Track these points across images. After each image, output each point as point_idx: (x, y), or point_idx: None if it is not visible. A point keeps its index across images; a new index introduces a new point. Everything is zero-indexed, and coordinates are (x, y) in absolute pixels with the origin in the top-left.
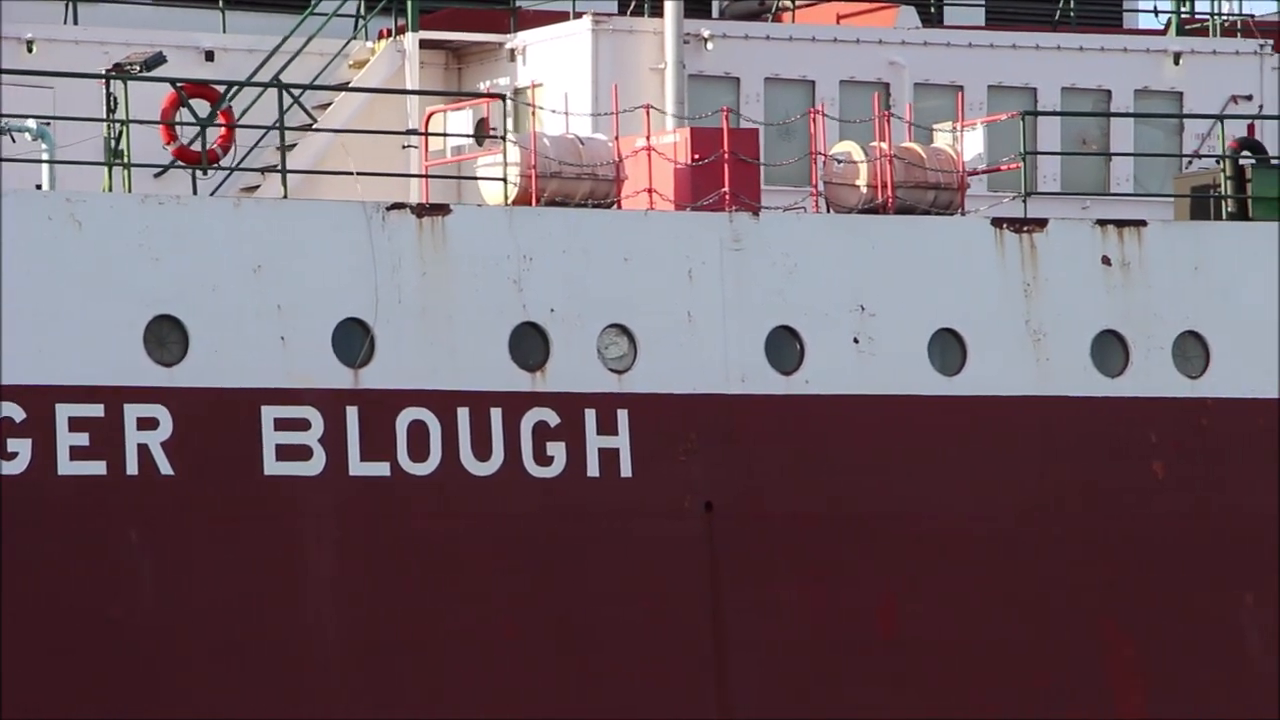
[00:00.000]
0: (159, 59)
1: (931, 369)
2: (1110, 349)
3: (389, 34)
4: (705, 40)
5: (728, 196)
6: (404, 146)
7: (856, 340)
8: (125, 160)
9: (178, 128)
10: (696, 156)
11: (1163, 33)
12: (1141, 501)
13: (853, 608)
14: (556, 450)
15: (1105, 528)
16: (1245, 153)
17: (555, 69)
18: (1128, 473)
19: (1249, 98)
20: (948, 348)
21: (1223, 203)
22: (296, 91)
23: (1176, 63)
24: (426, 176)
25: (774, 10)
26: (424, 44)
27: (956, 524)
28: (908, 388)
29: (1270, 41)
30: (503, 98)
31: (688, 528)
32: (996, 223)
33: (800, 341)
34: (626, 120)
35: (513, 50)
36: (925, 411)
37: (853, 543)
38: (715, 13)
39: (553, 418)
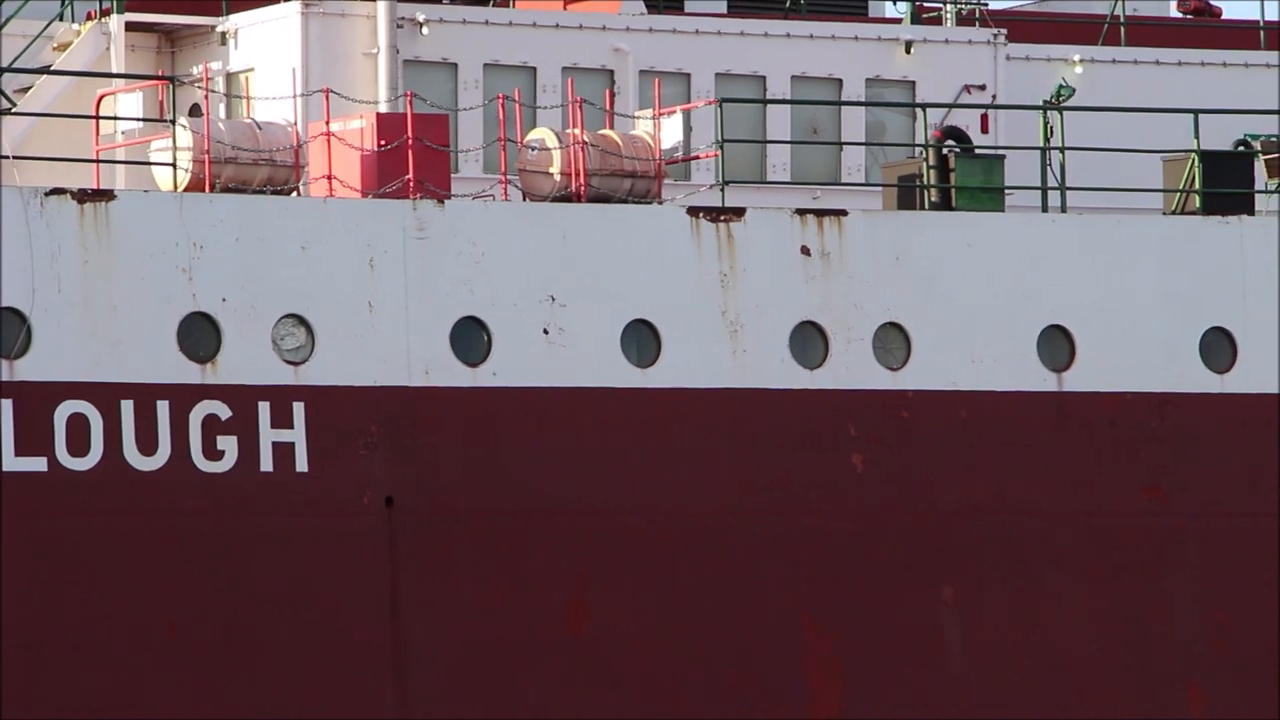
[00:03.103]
0: None
1: (625, 361)
2: (809, 340)
3: (96, 16)
4: (421, 25)
5: (412, 183)
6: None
7: (546, 331)
8: None
9: None
10: (382, 142)
11: (898, 22)
12: (840, 495)
13: (541, 605)
14: (227, 444)
15: (803, 522)
16: (950, 142)
17: (266, 53)
18: (826, 466)
19: (982, 87)
20: (642, 339)
21: (926, 192)
22: None
23: (908, 52)
24: (98, 161)
25: None
26: (134, 26)
27: (650, 519)
28: (600, 380)
29: (1004, 31)
30: (171, 80)
31: (367, 523)
32: (693, 212)
33: (487, 332)
34: (346, 105)
35: (224, 34)
36: (618, 404)
37: (542, 539)
38: None
39: (224, 411)
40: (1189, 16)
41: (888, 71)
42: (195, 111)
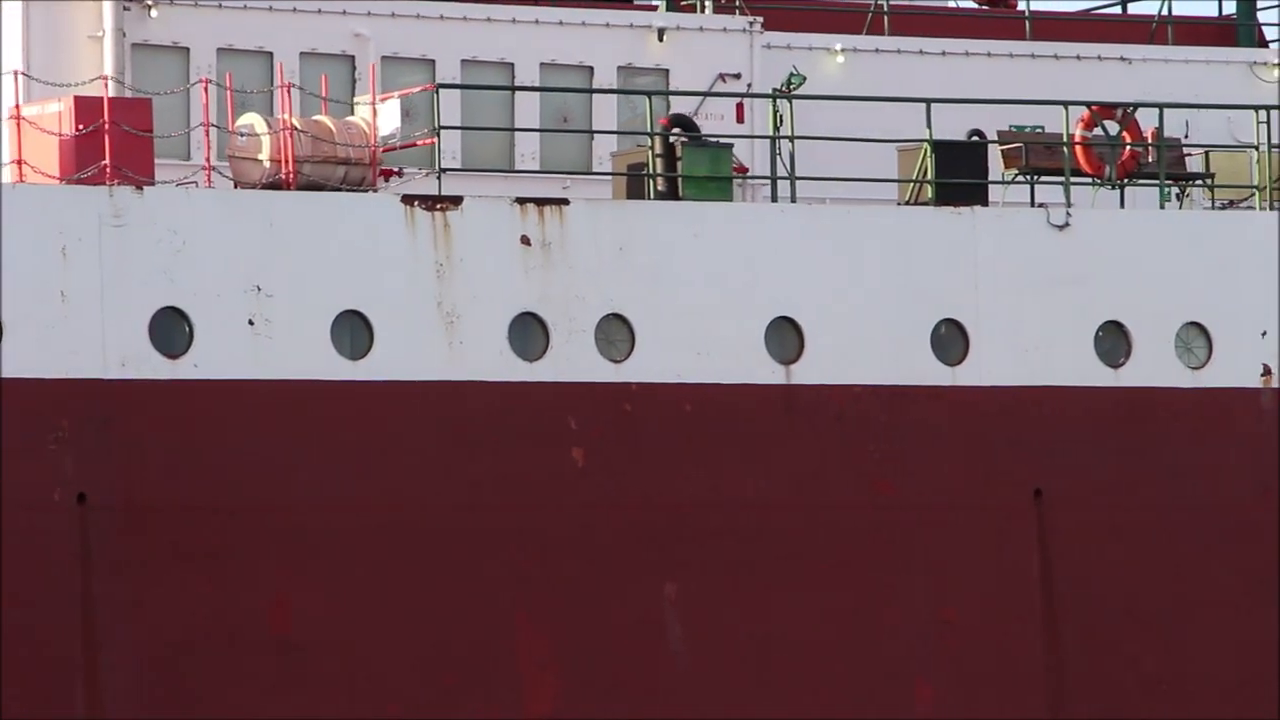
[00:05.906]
0: None
1: (335, 353)
2: (529, 332)
3: None
4: (149, 7)
5: (109, 169)
6: None
7: (252, 322)
8: None
9: None
10: (80, 127)
11: (654, 9)
12: (560, 490)
13: (243, 604)
14: None
15: (521, 517)
16: (677, 130)
17: None
18: (546, 460)
19: (737, 76)
20: (354, 331)
21: (652, 181)
22: None
23: (661, 39)
24: None
25: None
26: None
27: (360, 515)
28: (308, 372)
29: (760, 19)
30: None
31: (57, 521)
32: (407, 200)
33: (189, 323)
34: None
35: None
36: (327, 398)
37: (245, 536)
38: None
39: None
40: (984, 7)
41: (640, 59)
42: None
